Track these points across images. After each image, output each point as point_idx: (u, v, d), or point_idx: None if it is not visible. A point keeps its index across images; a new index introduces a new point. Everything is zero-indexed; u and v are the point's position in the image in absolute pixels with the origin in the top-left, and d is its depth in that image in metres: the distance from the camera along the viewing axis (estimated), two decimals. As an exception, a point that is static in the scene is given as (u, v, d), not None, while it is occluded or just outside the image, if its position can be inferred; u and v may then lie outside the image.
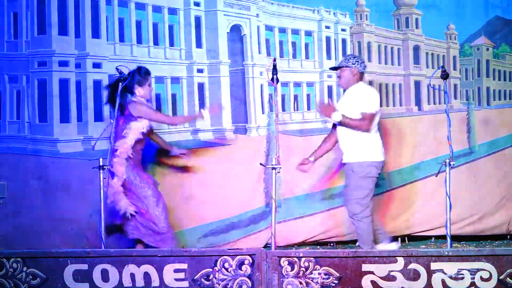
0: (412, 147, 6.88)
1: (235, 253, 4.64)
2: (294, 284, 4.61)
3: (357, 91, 5.56)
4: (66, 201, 6.48)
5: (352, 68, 5.57)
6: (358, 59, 5.66)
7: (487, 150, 6.94)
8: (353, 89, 5.58)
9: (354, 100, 5.52)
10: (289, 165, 6.47)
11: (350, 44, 7.11)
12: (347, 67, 5.58)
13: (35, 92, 6.57)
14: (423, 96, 7.14)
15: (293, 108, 7.01)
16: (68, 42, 6.53)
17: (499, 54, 7.19)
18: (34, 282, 4.67)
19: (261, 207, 6.65)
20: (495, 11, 7.01)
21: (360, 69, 5.60)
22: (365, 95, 5.53)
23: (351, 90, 5.59)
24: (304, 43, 7.10)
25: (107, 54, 6.57)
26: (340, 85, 5.73)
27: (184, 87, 6.78)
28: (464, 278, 4.53)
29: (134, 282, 4.65)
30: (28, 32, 6.60)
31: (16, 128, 6.63)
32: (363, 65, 5.65)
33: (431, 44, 7.18)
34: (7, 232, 6.44)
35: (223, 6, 6.82)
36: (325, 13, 7.09)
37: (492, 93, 7.15)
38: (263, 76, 6.78)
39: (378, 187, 6.86)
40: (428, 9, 7.05)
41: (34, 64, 6.58)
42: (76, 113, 6.54)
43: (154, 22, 6.78)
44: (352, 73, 5.58)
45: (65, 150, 6.52)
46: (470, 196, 6.78)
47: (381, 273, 4.58)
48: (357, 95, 5.54)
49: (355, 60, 5.60)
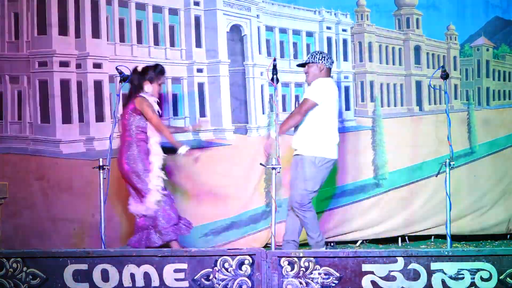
0: (413, 147, 6.89)
1: (235, 253, 4.63)
2: (294, 284, 4.60)
3: (313, 83, 5.60)
4: (68, 201, 6.49)
5: (319, 64, 5.59)
6: (325, 55, 5.69)
7: (487, 150, 6.95)
8: (313, 83, 5.62)
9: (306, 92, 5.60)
10: (289, 165, 6.49)
11: (351, 44, 7.11)
12: (314, 63, 5.61)
13: (37, 92, 6.58)
14: (424, 96, 7.14)
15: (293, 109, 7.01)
16: (68, 42, 6.53)
17: (499, 54, 7.19)
18: (34, 282, 4.66)
19: (261, 207, 6.66)
20: (495, 11, 7.01)
21: (327, 65, 5.62)
22: (314, 85, 5.58)
23: (311, 84, 5.62)
24: (306, 44, 7.10)
25: (107, 54, 6.58)
26: (308, 82, 5.73)
27: (184, 87, 6.78)
28: (464, 278, 4.52)
29: (134, 282, 4.64)
30: (29, 33, 6.60)
31: (17, 128, 6.63)
32: (330, 61, 5.68)
33: (431, 44, 7.18)
34: (7, 232, 6.45)
35: (223, 5, 6.82)
36: (326, 13, 7.09)
37: (492, 93, 7.16)
38: (263, 76, 6.78)
39: (378, 187, 6.90)
40: (429, 10, 7.05)
41: (34, 65, 6.58)
42: (77, 114, 6.55)
43: (154, 22, 6.78)
44: (319, 69, 5.62)
45: (67, 150, 6.52)
46: (470, 196, 6.79)
47: (381, 273, 4.57)
48: (310, 87, 5.60)
49: (322, 56, 5.63)
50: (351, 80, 7.08)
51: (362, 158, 6.89)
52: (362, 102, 7.06)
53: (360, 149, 6.90)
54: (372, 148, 6.93)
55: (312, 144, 5.56)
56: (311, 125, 5.56)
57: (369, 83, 7.05)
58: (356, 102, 7.06)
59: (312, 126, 5.56)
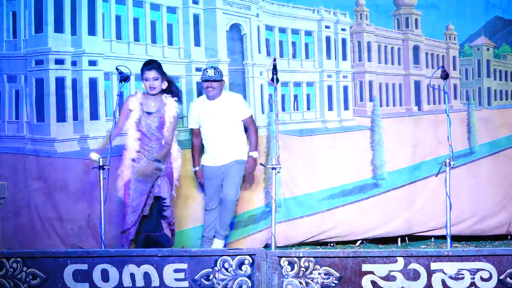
0: (412, 147, 6.89)
1: (235, 253, 4.63)
2: (294, 284, 4.61)
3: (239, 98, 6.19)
4: (64, 201, 6.47)
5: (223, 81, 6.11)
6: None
7: (488, 151, 6.95)
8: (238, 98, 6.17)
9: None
10: (289, 165, 6.49)
11: (350, 43, 7.10)
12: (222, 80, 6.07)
13: (33, 91, 6.55)
14: (423, 96, 7.14)
15: (293, 108, 7.01)
16: (64, 39, 6.50)
17: (500, 54, 7.19)
18: (34, 282, 4.66)
19: (261, 207, 6.65)
20: (495, 11, 7.01)
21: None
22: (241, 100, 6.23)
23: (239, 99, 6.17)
24: (304, 43, 7.09)
25: (103, 51, 6.55)
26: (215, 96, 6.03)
27: (183, 86, 6.77)
28: (464, 278, 4.54)
29: (134, 282, 4.64)
30: (26, 31, 6.58)
31: (15, 128, 6.61)
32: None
33: (430, 44, 7.18)
34: (7, 232, 6.43)
35: (222, 4, 6.81)
36: (325, 13, 7.08)
37: (493, 93, 7.16)
38: (263, 76, 6.77)
39: (377, 187, 6.90)
40: (428, 9, 7.05)
41: (31, 63, 6.55)
42: (72, 112, 6.52)
43: (152, 20, 6.75)
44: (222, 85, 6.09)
45: (62, 149, 6.50)
46: (471, 197, 6.78)
47: (381, 273, 4.58)
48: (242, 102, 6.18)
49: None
50: (350, 79, 7.08)
51: (361, 158, 6.89)
52: (361, 102, 7.06)
53: (359, 149, 6.90)
54: (371, 148, 6.93)
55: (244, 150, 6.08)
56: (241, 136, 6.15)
57: (368, 83, 7.05)
58: (355, 102, 7.06)
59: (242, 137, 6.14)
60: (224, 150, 6.02)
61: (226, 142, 6.02)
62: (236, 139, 6.07)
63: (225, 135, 6.02)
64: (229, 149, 6.02)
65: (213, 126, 6.02)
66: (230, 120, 6.03)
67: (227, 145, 6.02)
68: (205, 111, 6.04)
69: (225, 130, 6.02)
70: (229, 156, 6.02)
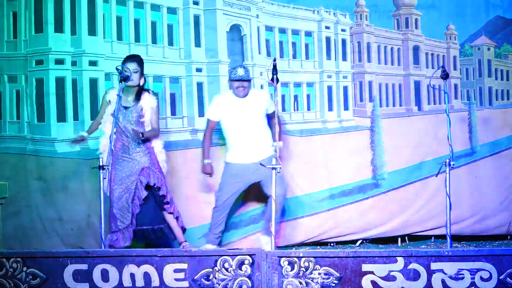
0: (412, 147, 6.88)
1: (235, 253, 4.63)
2: (294, 284, 4.60)
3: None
4: (64, 201, 6.48)
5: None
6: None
7: (489, 151, 6.94)
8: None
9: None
10: (289, 165, 6.49)
11: (350, 44, 7.11)
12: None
13: (33, 91, 6.56)
14: (423, 96, 7.14)
15: (293, 108, 7.01)
16: (64, 39, 6.51)
17: (502, 54, 7.19)
18: (34, 282, 4.66)
19: (261, 207, 6.65)
20: (495, 11, 7.01)
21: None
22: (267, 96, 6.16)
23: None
24: (304, 44, 7.09)
25: (103, 52, 6.56)
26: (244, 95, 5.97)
27: (183, 87, 6.77)
28: (464, 278, 4.53)
29: (134, 282, 4.64)
30: (27, 31, 6.59)
31: (16, 128, 6.63)
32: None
33: (430, 44, 7.18)
34: (7, 232, 6.44)
35: (223, 5, 6.81)
36: (325, 13, 7.09)
37: (495, 93, 7.15)
38: (263, 76, 6.78)
39: (377, 187, 6.90)
40: (428, 10, 7.05)
41: (32, 63, 6.57)
42: (72, 112, 6.53)
43: (152, 20, 6.76)
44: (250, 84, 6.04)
45: (62, 149, 6.50)
46: (472, 197, 6.78)
47: (381, 273, 4.57)
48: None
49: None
50: (350, 80, 7.08)
51: (361, 158, 6.88)
52: (360, 102, 7.06)
53: (358, 149, 6.89)
54: (371, 148, 6.93)
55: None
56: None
57: (367, 83, 7.05)
58: (355, 102, 7.06)
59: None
60: (258, 147, 5.94)
61: (259, 139, 5.95)
62: (267, 134, 6.01)
63: (258, 132, 5.95)
64: (262, 145, 5.94)
65: (246, 123, 5.92)
66: (261, 116, 5.99)
67: (260, 142, 5.95)
68: (234, 108, 5.94)
69: (257, 127, 5.95)
70: (262, 153, 5.92)
